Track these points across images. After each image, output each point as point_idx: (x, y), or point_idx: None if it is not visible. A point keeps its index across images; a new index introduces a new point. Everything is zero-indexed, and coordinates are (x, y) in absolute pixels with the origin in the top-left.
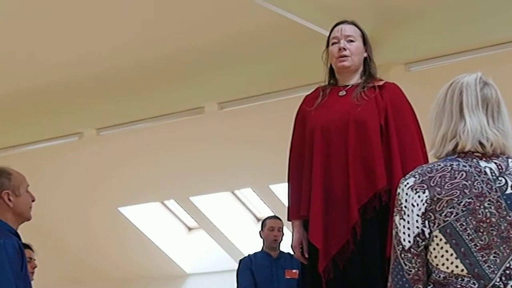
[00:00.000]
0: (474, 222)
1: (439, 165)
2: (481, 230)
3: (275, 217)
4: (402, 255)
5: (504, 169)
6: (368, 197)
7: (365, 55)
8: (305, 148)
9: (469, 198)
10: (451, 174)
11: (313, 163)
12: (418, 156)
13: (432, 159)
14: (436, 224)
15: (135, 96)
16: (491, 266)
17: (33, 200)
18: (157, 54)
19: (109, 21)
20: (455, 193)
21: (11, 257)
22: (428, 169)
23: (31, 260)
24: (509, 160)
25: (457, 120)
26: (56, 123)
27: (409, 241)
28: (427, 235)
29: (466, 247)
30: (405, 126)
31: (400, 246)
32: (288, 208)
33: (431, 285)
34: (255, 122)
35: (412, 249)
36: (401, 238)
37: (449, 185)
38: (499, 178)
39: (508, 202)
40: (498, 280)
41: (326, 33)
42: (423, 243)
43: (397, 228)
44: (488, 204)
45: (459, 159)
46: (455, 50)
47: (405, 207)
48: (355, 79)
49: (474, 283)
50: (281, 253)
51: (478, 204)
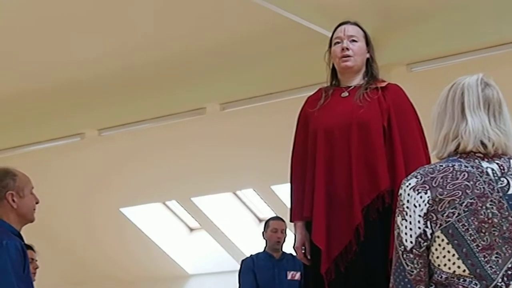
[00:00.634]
0: (476, 223)
1: (441, 166)
2: (483, 231)
3: (279, 218)
4: (404, 256)
5: (506, 170)
6: (371, 199)
7: (368, 56)
8: (308, 150)
9: (471, 199)
10: (453, 175)
11: (316, 165)
12: (421, 157)
13: (435, 160)
14: (438, 225)
15: (137, 97)
16: (493, 267)
17: (37, 202)
18: (159, 55)
19: (111, 23)
20: (457, 194)
21: (14, 259)
22: (430, 170)
23: (33, 261)
24: (511, 161)
25: (459, 121)
26: (58, 124)
27: (411, 242)
28: (429, 236)
29: (468, 248)
30: (408, 128)
31: (402, 247)
32: (291, 209)
33: (433, 286)
34: (257, 123)
35: (414, 250)
36: (403, 239)
37: (451, 186)
38: (501, 179)
39: (510, 203)
40: (500, 281)
41: (328, 34)
42: (425, 244)
43: (399, 229)
44: (490, 205)
45: (461, 160)
46: (457, 51)
47: (407, 208)
48: (358, 80)
49: (476, 284)
50: (284, 254)
51: (480, 205)
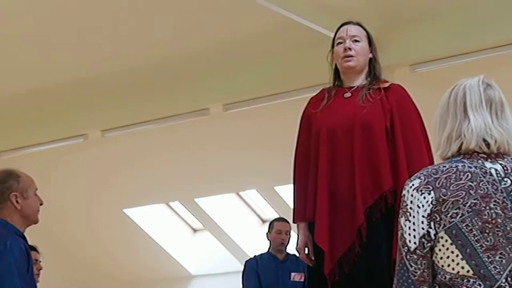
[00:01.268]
0: (480, 223)
1: (445, 166)
2: (487, 231)
3: (283, 220)
4: (408, 257)
5: (510, 170)
6: (374, 199)
7: (370, 56)
8: (311, 150)
9: (475, 199)
10: (457, 175)
11: (319, 165)
12: (424, 158)
13: (438, 161)
14: (442, 225)
15: (140, 98)
16: (497, 267)
17: (41, 204)
18: (162, 56)
19: (114, 23)
20: (461, 194)
21: (18, 259)
22: (434, 171)
23: (37, 262)
24: None
25: (461, 120)
26: (61, 125)
27: (415, 243)
28: (433, 236)
29: (472, 248)
30: (411, 128)
31: (406, 248)
32: (293, 210)
33: (437, 287)
34: (260, 124)
35: (418, 251)
36: (407, 240)
37: (455, 186)
38: (505, 179)
39: None
40: (504, 281)
41: (332, 35)
42: (429, 245)
43: (403, 230)
44: (494, 205)
45: (464, 160)
46: (461, 52)
47: (411, 209)
48: (360, 80)
49: (480, 284)
50: (288, 255)
51: (484, 205)
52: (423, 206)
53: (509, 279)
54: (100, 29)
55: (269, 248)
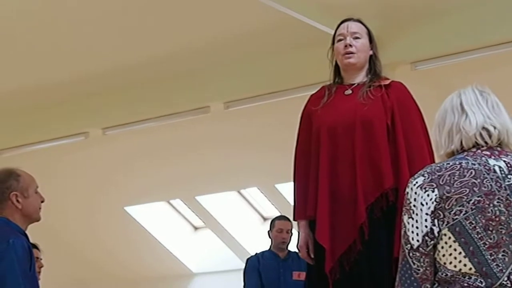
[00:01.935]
0: (484, 221)
1: (448, 164)
2: (490, 229)
3: (284, 218)
4: (411, 254)
5: None
6: (375, 197)
7: (371, 53)
8: (311, 148)
9: (478, 197)
10: (460, 173)
11: (320, 163)
12: (425, 155)
13: (439, 159)
14: (445, 223)
15: (141, 96)
16: (500, 265)
17: (43, 201)
18: (163, 54)
19: (114, 20)
20: (464, 192)
21: (20, 257)
22: (437, 168)
23: (38, 260)
24: None
25: (460, 116)
26: (62, 123)
27: (418, 240)
28: (436, 234)
29: (475, 246)
30: (412, 126)
31: (409, 245)
32: (294, 208)
33: (436, 284)
34: (261, 121)
35: (421, 248)
36: (410, 237)
37: (458, 184)
38: (508, 176)
39: None
40: (506, 279)
41: (333, 33)
42: (432, 242)
43: (406, 227)
44: (498, 202)
45: (468, 158)
46: (461, 49)
47: (414, 206)
48: (361, 77)
49: (481, 282)
50: (289, 253)
51: (488, 203)
52: (427, 204)
53: (511, 277)
54: (100, 27)
55: (271, 246)
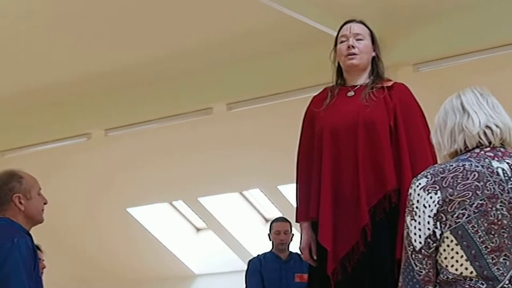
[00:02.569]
0: (486, 224)
1: (451, 165)
2: (492, 232)
3: (282, 219)
4: (413, 256)
5: None
6: (378, 199)
7: (373, 55)
8: (314, 150)
9: (481, 200)
10: (464, 175)
11: (322, 165)
12: (427, 157)
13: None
14: (448, 225)
15: (143, 97)
16: (501, 269)
17: (45, 203)
18: (165, 55)
19: (116, 21)
20: (467, 195)
21: (24, 256)
22: (440, 169)
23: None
24: None
25: (461, 115)
26: (64, 124)
27: (420, 242)
28: (438, 237)
29: (477, 250)
30: (414, 127)
31: (411, 247)
32: (296, 210)
33: (437, 286)
34: (264, 123)
35: (423, 250)
36: (412, 239)
37: (461, 186)
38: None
39: None
40: (508, 283)
41: (335, 34)
42: (434, 245)
43: (408, 229)
44: (500, 206)
45: (471, 159)
46: (464, 51)
47: (417, 208)
48: (363, 79)
49: (483, 283)
50: (291, 255)
51: (490, 206)
52: (429, 206)
53: None
54: (103, 28)
55: (272, 248)
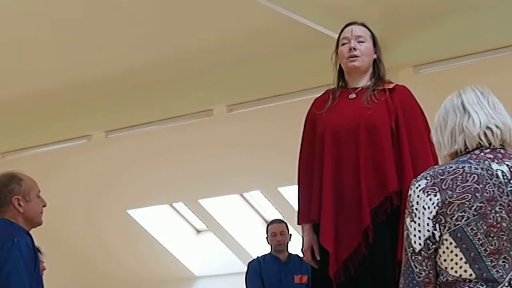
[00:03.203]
0: (485, 227)
1: (451, 167)
2: (492, 235)
3: (277, 221)
4: (413, 258)
5: None
6: (380, 201)
7: (375, 57)
8: (315, 152)
9: (481, 202)
10: (463, 177)
11: (324, 167)
12: (429, 159)
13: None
14: (447, 228)
15: (144, 99)
16: (500, 271)
17: (44, 206)
18: (166, 57)
19: (116, 23)
20: (467, 197)
21: (25, 256)
22: (440, 171)
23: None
24: None
25: (462, 115)
26: (65, 126)
27: (420, 244)
28: (438, 239)
29: (476, 252)
30: (416, 129)
31: (411, 249)
32: (298, 212)
33: (437, 287)
34: (264, 125)
35: (423, 252)
36: (412, 241)
37: (461, 189)
38: (511, 181)
39: None
40: (507, 285)
41: (336, 36)
42: (434, 247)
43: (408, 230)
44: (499, 209)
45: (471, 161)
46: (464, 53)
47: (416, 210)
48: (365, 81)
49: (482, 285)
50: (290, 256)
51: (489, 209)
52: (429, 208)
53: None
54: (103, 31)
55: (271, 250)
